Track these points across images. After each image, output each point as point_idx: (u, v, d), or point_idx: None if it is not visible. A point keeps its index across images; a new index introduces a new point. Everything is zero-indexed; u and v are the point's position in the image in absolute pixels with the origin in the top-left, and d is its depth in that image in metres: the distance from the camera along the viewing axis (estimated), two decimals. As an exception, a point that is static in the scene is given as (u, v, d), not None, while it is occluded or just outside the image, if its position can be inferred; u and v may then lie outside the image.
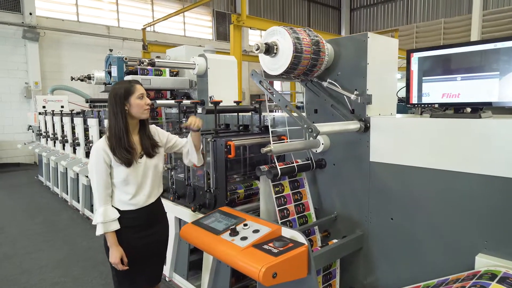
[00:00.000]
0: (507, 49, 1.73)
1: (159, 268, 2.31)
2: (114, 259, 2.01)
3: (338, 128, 2.13)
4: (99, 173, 2.01)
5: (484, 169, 1.77)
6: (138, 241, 2.10)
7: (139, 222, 2.11)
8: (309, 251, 1.88)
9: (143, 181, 2.10)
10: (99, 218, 2.00)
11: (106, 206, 2.03)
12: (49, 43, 10.56)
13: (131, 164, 2.03)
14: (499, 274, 1.61)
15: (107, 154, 2.01)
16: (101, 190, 2.02)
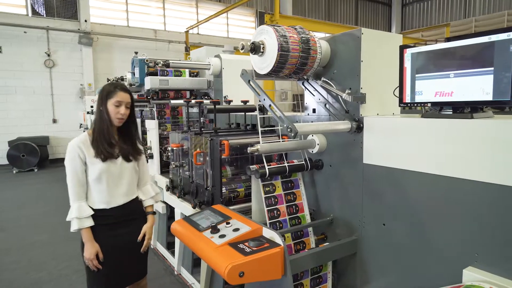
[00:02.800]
0: (502, 42, 1.56)
1: (135, 267, 2.28)
2: (89, 255, 2.02)
3: (323, 128, 2.06)
4: (74, 169, 2.04)
5: (477, 175, 1.61)
6: (111, 240, 2.11)
7: (112, 221, 2.11)
8: (285, 252, 1.84)
9: (118, 181, 2.12)
10: (73, 214, 2.02)
11: (80, 202, 2.05)
12: (102, 47, 11.38)
13: (107, 159, 2.06)
14: (480, 289, 1.46)
15: (82, 151, 2.04)
16: (75, 186, 2.04)
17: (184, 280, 3.26)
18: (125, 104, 2.09)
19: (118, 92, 2.07)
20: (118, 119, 2.08)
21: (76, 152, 2.04)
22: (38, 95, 10.57)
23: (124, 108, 2.09)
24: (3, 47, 10.08)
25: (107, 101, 2.07)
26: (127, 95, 2.11)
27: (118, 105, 2.07)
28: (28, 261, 3.84)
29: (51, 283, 3.30)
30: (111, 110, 2.06)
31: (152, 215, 2.35)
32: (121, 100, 2.07)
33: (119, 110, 2.06)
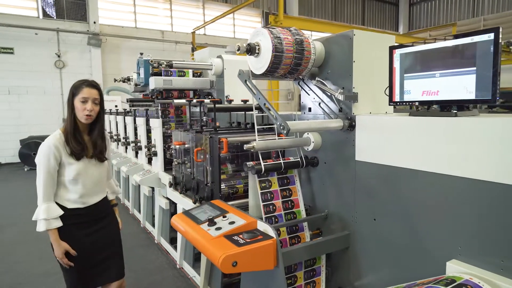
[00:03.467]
0: (483, 42, 1.63)
1: (114, 264, 2.28)
2: (59, 254, 2.03)
3: (315, 126, 2.15)
4: (47, 169, 1.99)
5: (460, 171, 1.68)
6: (85, 239, 2.12)
7: (86, 219, 2.13)
8: (277, 244, 1.93)
9: (92, 181, 2.13)
10: (41, 215, 1.98)
11: (49, 203, 2.01)
12: (110, 48, 11.59)
13: (81, 158, 2.05)
14: (458, 280, 1.53)
15: (58, 150, 2.00)
16: (46, 186, 2.00)
17: (185, 273, 3.37)
18: (92, 100, 2.03)
19: (84, 88, 2.03)
20: (85, 115, 2.02)
21: (52, 152, 1.99)
22: (48, 95, 10.82)
23: (91, 104, 2.03)
24: (15, 48, 10.34)
25: (74, 98, 2.03)
26: (94, 90, 2.06)
27: (84, 101, 2.01)
28: (38, 253, 3.99)
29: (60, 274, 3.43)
30: (78, 107, 2.02)
31: (116, 207, 2.47)
32: (87, 96, 2.02)
33: (86, 106, 2.01)
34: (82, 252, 2.12)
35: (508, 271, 1.52)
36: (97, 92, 2.10)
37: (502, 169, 1.51)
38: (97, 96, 2.08)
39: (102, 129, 2.21)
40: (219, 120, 3.93)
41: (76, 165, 2.06)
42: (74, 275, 2.14)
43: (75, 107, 2.04)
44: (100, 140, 2.18)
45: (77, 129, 2.08)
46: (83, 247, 2.13)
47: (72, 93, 2.06)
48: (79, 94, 2.03)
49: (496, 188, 1.54)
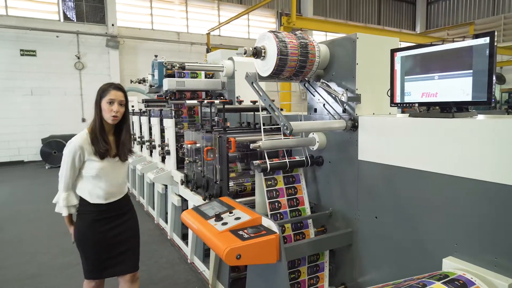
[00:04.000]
0: (479, 46, 1.68)
1: (130, 257, 2.40)
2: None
3: (318, 127, 2.22)
4: (72, 165, 2.16)
5: (456, 171, 1.73)
6: (107, 232, 2.25)
7: (108, 214, 2.26)
8: (280, 239, 2.02)
9: (114, 178, 2.25)
10: (61, 202, 2.20)
11: (69, 192, 2.21)
12: (128, 50, 11.89)
13: (104, 157, 2.18)
14: (451, 275, 1.59)
15: (82, 150, 2.14)
16: (67, 178, 2.18)
17: (196, 267, 3.49)
18: (118, 101, 2.16)
19: (111, 91, 2.15)
20: (112, 117, 2.15)
21: (77, 151, 2.14)
22: (69, 96, 11.19)
23: (117, 105, 2.15)
24: (38, 51, 10.74)
25: (102, 100, 2.15)
26: (120, 93, 2.18)
27: (111, 103, 2.13)
28: (58, 247, 4.20)
29: (78, 266, 3.61)
30: (105, 108, 2.14)
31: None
32: (114, 98, 2.14)
33: (112, 108, 2.13)
34: (103, 243, 2.25)
35: (501, 268, 1.57)
36: (122, 94, 2.21)
37: (497, 169, 1.56)
38: (122, 98, 2.20)
39: (129, 130, 2.33)
40: (230, 121, 4.05)
41: (99, 163, 2.18)
42: (91, 263, 2.28)
43: (102, 109, 2.16)
44: (128, 141, 2.31)
45: (103, 129, 2.20)
46: (104, 239, 2.26)
47: (99, 95, 2.17)
48: (106, 96, 2.15)
49: (491, 187, 1.58)
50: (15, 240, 4.48)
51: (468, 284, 1.53)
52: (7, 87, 10.49)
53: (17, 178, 8.63)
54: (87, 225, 2.25)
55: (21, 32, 10.45)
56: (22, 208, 6.02)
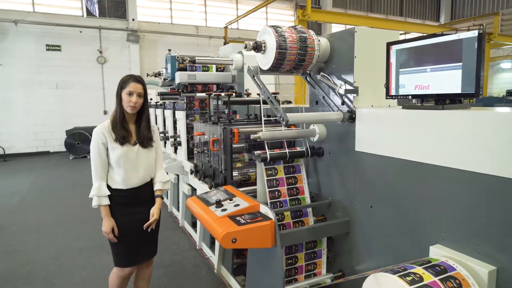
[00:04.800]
0: (468, 39, 1.71)
1: (150, 244, 2.52)
2: (106, 228, 2.26)
3: (315, 118, 2.30)
4: (97, 153, 2.28)
5: (445, 161, 1.77)
6: (128, 217, 2.34)
7: (128, 200, 2.34)
8: (275, 225, 2.13)
9: (134, 165, 2.34)
10: (94, 191, 2.26)
11: (101, 182, 2.28)
12: (148, 44, 12.16)
13: (124, 143, 2.29)
14: (435, 261, 1.65)
15: (104, 136, 2.27)
16: (97, 167, 2.28)
17: (203, 253, 3.65)
18: (137, 93, 2.28)
19: (131, 83, 2.28)
20: (130, 107, 2.28)
21: (99, 138, 2.28)
22: (91, 89, 11.58)
23: (136, 97, 2.28)
24: (62, 45, 11.16)
25: (122, 90, 2.28)
26: (139, 85, 2.30)
27: (130, 94, 2.26)
28: (76, 233, 4.45)
29: (94, 250, 3.85)
30: (125, 99, 2.27)
31: (160, 198, 2.54)
32: (132, 90, 2.26)
33: (131, 99, 2.26)
34: (128, 230, 2.34)
35: (484, 255, 1.61)
36: (141, 86, 2.33)
37: (483, 160, 1.59)
38: (141, 90, 2.32)
39: (148, 119, 2.43)
40: (239, 113, 4.15)
41: (119, 149, 2.29)
42: (120, 251, 2.37)
43: (122, 99, 2.29)
44: (146, 130, 2.41)
45: (124, 118, 2.32)
46: (128, 225, 2.34)
47: (120, 86, 2.30)
48: (126, 88, 2.27)
49: (477, 178, 1.62)
50: (38, 225, 4.77)
51: (449, 269, 1.58)
52: (34, 80, 10.98)
53: (42, 168, 9.07)
54: (112, 210, 2.32)
55: (47, 28, 10.87)
56: (45, 195, 6.37)
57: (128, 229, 2.34)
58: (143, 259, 2.51)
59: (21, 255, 3.81)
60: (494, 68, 15.44)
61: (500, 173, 1.52)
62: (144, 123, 2.40)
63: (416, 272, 1.53)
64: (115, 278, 2.40)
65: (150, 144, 2.44)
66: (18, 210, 5.45)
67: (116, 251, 2.37)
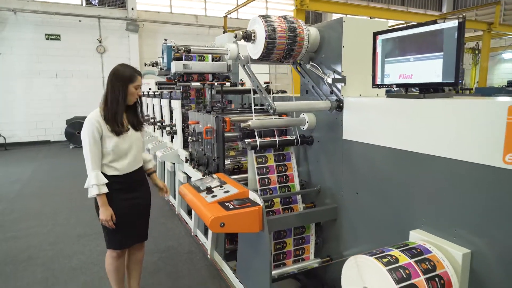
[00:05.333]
0: (449, 29, 1.74)
1: (142, 228, 2.58)
2: (106, 217, 2.29)
3: (302, 107, 2.34)
4: (92, 141, 2.26)
5: (427, 149, 1.82)
6: (124, 203, 2.38)
7: (123, 186, 2.38)
8: (263, 211, 2.20)
9: (128, 151, 2.38)
10: (93, 181, 2.25)
11: (97, 171, 2.28)
12: (147, 33, 12.13)
13: (120, 134, 2.33)
14: (412, 245, 1.71)
15: (99, 124, 2.27)
16: (93, 156, 2.27)
17: (198, 240, 3.74)
18: (140, 86, 2.43)
19: (137, 77, 2.38)
20: (136, 98, 2.41)
21: (94, 126, 2.27)
22: (91, 79, 11.60)
23: (140, 90, 2.43)
24: (62, 35, 11.15)
25: (129, 84, 2.33)
26: (141, 78, 2.45)
27: (137, 88, 2.38)
28: (75, 219, 4.55)
29: (92, 236, 3.95)
30: (132, 92, 2.35)
31: (155, 173, 2.78)
32: (139, 83, 2.40)
33: (138, 92, 2.39)
34: (122, 214, 2.38)
35: (459, 239, 1.68)
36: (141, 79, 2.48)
37: (462, 148, 1.64)
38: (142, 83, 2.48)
39: (141, 105, 2.54)
40: (234, 102, 4.20)
41: (114, 138, 2.33)
42: (114, 235, 2.41)
43: (129, 92, 2.35)
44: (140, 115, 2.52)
45: (122, 111, 2.38)
46: (123, 210, 2.39)
47: (129, 80, 2.34)
48: (135, 82, 2.37)
49: (455, 165, 1.67)
50: (38, 213, 4.87)
51: (424, 252, 1.65)
52: (34, 70, 11.01)
53: (42, 157, 9.17)
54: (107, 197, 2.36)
55: (46, 17, 10.86)
56: (45, 184, 6.46)
57: (122, 214, 2.39)
58: (134, 242, 2.56)
59: (22, 241, 3.91)
60: (495, 59, 15.34)
61: (475, 160, 1.58)
62: (139, 108, 2.49)
63: (393, 254, 1.60)
64: (110, 261, 2.49)
65: (142, 128, 2.52)
66: (19, 198, 5.55)
67: (109, 235, 2.43)
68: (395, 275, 1.47)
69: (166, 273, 3.19)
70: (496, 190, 1.52)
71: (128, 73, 2.37)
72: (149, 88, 8.87)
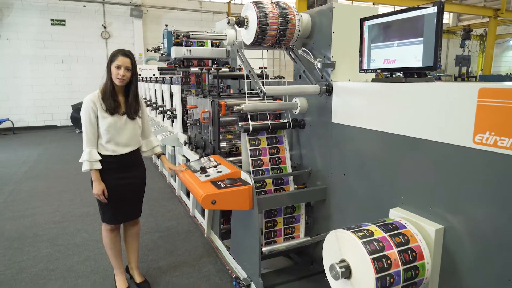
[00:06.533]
0: (429, 15, 1.80)
1: (136, 206, 2.71)
2: (97, 191, 2.42)
3: (292, 91, 2.43)
4: (88, 120, 2.40)
5: (407, 131, 1.90)
6: (116, 181, 2.50)
7: (116, 166, 2.50)
8: (253, 190, 2.31)
9: (121, 134, 2.47)
10: (85, 157, 2.39)
11: (91, 148, 2.41)
12: (151, 19, 12.16)
13: (114, 113, 2.42)
14: (389, 221, 1.82)
15: (95, 105, 2.40)
16: (88, 134, 2.40)
17: (196, 220, 3.89)
18: (125, 67, 2.40)
19: (119, 57, 2.40)
20: (118, 79, 2.40)
21: (90, 106, 2.40)
22: (95, 64, 11.71)
23: (124, 70, 2.40)
24: (67, 20, 11.23)
25: (111, 64, 2.41)
26: (127, 59, 2.42)
27: (118, 67, 2.39)
28: (79, 200, 4.72)
29: (96, 215, 4.11)
30: (113, 72, 2.40)
31: (164, 155, 2.85)
32: (120, 63, 2.39)
33: (119, 72, 2.39)
34: (115, 191, 2.52)
35: (435, 216, 1.78)
36: (129, 60, 2.45)
37: (439, 129, 1.72)
38: (129, 64, 2.44)
39: (136, 92, 2.56)
40: (233, 88, 4.29)
41: (109, 119, 2.42)
42: (107, 210, 2.57)
43: (112, 72, 2.42)
44: (134, 102, 2.53)
45: (113, 90, 2.45)
46: (115, 188, 2.52)
47: (110, 60, 2.44)
48: (115, 61, 2.40)
49: (432, 146, 1.76)
50: (44, 193, 5.05)
51: (400, 227, 1.75)
52: (40, 55, 11.14)
53: (49, 141, 9.37)
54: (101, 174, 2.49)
55: (51, 2, 10.93)
56: (52, 166, 6.66)
57: (114, 191, 2.52)
58: (127, 219, 2.71)
59: (28, 220, 4.09)
60: (502, 46, 15.12)
61: (450, 141, 1.66)
62: (132, 95, 2.53)
63: (369, 229, 1.70)
64: (105, 234, 2.65)
65: (137, 115, 2.58)
66: (26, 180, 5.74)
67: (103, 210, 2.58)
68: (368, 247, 1.57)
69: (165, 250, 3.35)
70: (468, 169, 1.61)
71: (113, 53, 2.46)
72: (152, 74, 8.94)
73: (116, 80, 2.43)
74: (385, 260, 1.57)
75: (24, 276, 2.94)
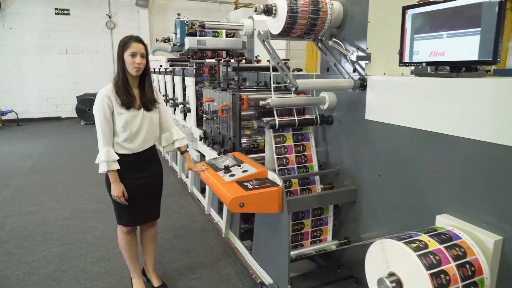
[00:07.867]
0: (489, 3, 1.62)
1: (153, 206, 2.54)
2: (117, 193, 2.26)
3: (325, 85, 2.26)
4: (103, 117, 2.20)
5: (456, 131, 1.74)
6: (133, 181, 2.33)
7: (134, 164, 2.32)
8: (283, 191, 2.15)
9: (139, 130, 2.29)
10: (103, 157, 2.20)
11: (108, 147, 2.23)
12: (157, 8, 11.90)
13: (130, 107, 2.24)
14: (440, 230, 1.66)
15: (110, 100, 2.21)
16: (105, 133, 2.22)
17: (212, 218, 3.74)
18: (140, 54, 2.20)
19: (133, 43, 2.19)
20: (135, 68, 2.20)
21: (105, 101, 2.20)
22: (100, 55, 11.49)
23: (140, 57, 2.20)
24: (71, 10, 10.99)
25: (124, 52, 2.20)
26: (141, 45, 2.23)
27: (133, 55, 2.18)
28: (88, 195, 4.58)
29: (107, 212, 3.98)
30: (127, 61, 2.19)
31: (187, 153, 2.61)
32: (135, 50, 2.18)
33: (135, 60, 2.18)
34: (132, 192, 2.34)
35: (490, 225, 1.62)
36: (143, 46, 2.26)
37: (493, 129, 1.56)
38: (143, 51, 2.25)
39: (150, 81, 2.38)
40: (249, 80, 4.11)
41: (125, 114, 2.24)
42: (124, 212, 2.40)
43: (125, 61, 2.22)
44: (150, 92, 2.35)
45: (127, 82, 2.26)
46: (133, 188, 2.34)
47: (121, 49, 2.22)
48: (128, 50, 2.19)
49: (486, 147, 1.60)
50: (51, 188, 4.91)
51: (454, 238, 1.59)
52: (44, 45, 10.92)
53: (54, 133, 9.22)
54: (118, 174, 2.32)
55: (55, -9, 10.70)
56: (57, 160, 6.51)
57: (133, 192, 2.35)
58: (145, 221, 2.54)
59: (37, 216, 3.95)
60: (516, 39, 14.77)
61: (509, 143, 1.50)
62: (148, 85, 2.34)
63: (422, 240, 1.55)
64: (121, 236, 2.49)
65: (155, 106, 2.39)
66: (32, 173, 5.60)
67: (120, 211, 2.41)
68: (425, 261, 1.42)
69: (181, 250, 3.21)
70: (533, 175, 1.44)
71: (123, 41, 2.24)
72: (159, 65, 8.74)
73: (132, 70, 2.22)
74: (443, 276, 1.41)
75: (36, 277, 2.81)
